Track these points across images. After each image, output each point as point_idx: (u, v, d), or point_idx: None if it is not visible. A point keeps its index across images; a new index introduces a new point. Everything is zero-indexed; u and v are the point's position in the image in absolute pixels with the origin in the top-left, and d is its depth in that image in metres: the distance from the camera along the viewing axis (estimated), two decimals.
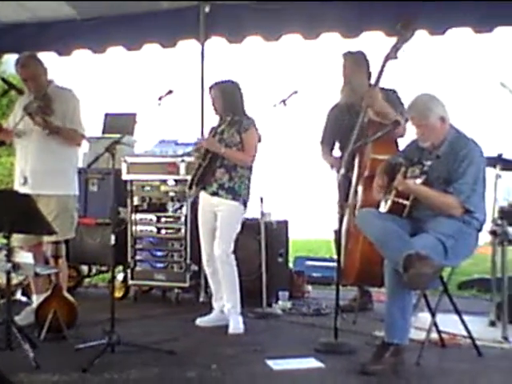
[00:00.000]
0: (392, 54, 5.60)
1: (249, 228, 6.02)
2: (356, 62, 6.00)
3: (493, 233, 5.27)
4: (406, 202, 4.54)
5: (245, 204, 5.53)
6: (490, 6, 6.02)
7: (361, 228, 4.72)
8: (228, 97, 5.54)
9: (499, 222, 5.22)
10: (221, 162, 5.47)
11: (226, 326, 5.38)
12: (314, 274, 7.71)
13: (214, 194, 5.48)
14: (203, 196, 5.60)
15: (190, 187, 5.60)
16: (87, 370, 4.17)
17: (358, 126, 5.57)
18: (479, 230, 4.52)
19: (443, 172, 4.46)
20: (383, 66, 5.63)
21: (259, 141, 5.55)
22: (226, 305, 5.50)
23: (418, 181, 4.39)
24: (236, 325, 5.38)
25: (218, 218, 5.48)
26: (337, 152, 6.19)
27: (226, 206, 5.44)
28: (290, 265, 7.39)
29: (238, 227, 5.52)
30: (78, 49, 7.55)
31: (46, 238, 5.25)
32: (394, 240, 4.28)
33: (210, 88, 5.64)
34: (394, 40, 5.59)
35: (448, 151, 4.49)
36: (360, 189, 5.52)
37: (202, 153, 5.53)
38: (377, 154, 5.37)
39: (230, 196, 5.44)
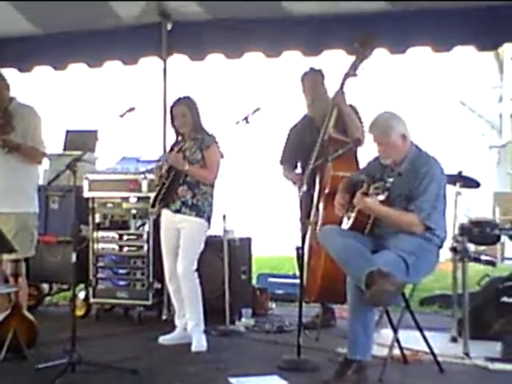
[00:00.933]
0: (351, 72, 5.72)
1: (212, 245, 6.01)
2: (314, 79, 6.09)
3: (453, 249, 5.33)
4: (368, 220, 4.57)
5: (209, 220, 5.52)
6: (448, 26, 6.12)
7: (323, 245, 4.74)
8: (193, 113, 5.54)
9: (459, 238, 5.27)
10: (183, 180, 5.45)
11: (189, 344, 5.35)
12: (277, 291, 7.68)
13: (178, 211, 5.45)
14: (166, 213, 5.57)
15: (153, 205, 5.57)
16: None
17: (319, 143, 5.64)
18: (440, 247, 4.56)
19: (405, 189, 4.50)
20: (343, 84, 5.75)
21: (221, 157, 5.55)
22: (189, 323, 5.48)
23: (381, 197, 4.41)
24: (199, 343, 5.35)
25: (182, 236, 5.45)
26: (299, 170, 6.21)
27: (189, 223, 5.42)
28: (253, 282, 7.37)
29: (201, 245, 5.50)
30: (39, 65, 7.47)
31: (6, 257, 5.18)
32: (355, 257, 4.30)
33: (173, 106, 5.61)
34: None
35: (409, 168, 4.53)
36: (321, 206, 5.56)
37: (164, 170, 5.52)
38: (337, 171, 5.42)
39: (193, 213, 5.42)
